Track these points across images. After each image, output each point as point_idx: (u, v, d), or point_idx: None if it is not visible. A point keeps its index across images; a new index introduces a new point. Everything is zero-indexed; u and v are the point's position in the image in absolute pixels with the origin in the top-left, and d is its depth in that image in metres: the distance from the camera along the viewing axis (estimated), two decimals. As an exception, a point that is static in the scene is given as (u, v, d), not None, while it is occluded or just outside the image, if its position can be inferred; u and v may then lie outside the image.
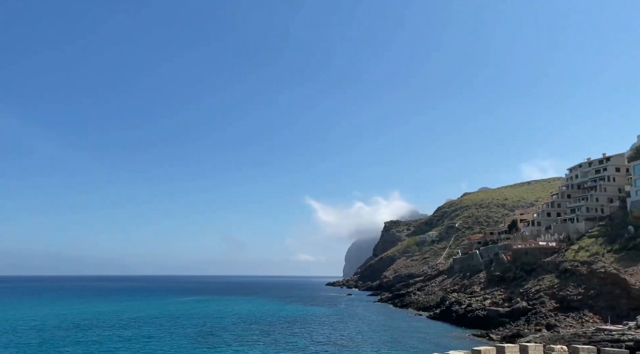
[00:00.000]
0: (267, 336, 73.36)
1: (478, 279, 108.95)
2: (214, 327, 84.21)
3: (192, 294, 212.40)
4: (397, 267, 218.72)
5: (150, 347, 62.26)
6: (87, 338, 70.14)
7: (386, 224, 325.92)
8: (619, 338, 49.78)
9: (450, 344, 63.02)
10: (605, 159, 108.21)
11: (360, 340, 70.28)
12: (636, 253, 69.04)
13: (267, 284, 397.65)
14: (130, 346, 63.08)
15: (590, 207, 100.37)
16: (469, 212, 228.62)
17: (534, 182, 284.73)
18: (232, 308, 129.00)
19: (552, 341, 51.58)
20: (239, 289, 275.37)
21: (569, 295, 71.47)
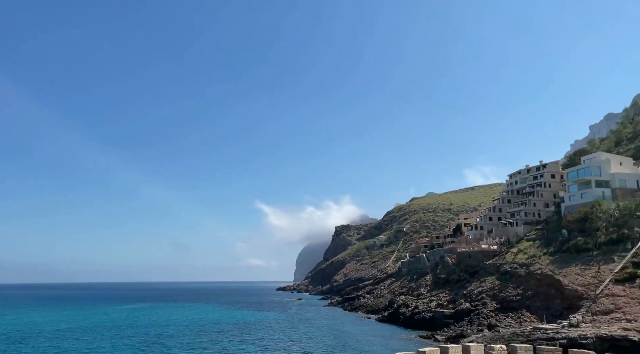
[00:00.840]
0: (216, 343, 71.81)
1: (425, 281, 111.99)
2: (160, 335, 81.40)
3: (136, 301, 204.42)
4: (347, 271, 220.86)
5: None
6: (20, 351, 65.81)
7: (337, 229, 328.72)
8: (553, 336, 52.67)
9: (398, 346, 64.29)
10: (541, 166, 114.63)
11: (310, 345, 70.26)
12: (569, 255, 73.44)
13: (217, 290, 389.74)
14: (67, 358, 59.88)
15: (528, 211, 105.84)
16: (416, 217, 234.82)
17: (478, 188, 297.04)
18: (179, 315, 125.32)
19: (492, 341, 53.79)
20: (186, 296, 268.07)
21: (509, 296, 74.90)
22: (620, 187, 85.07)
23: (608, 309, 56.60)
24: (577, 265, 69.15)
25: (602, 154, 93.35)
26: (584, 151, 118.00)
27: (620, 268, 62.48)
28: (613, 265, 64.21)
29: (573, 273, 67.66)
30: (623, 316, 54.04)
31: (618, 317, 54.24)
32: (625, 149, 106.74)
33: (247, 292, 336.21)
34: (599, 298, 59.23)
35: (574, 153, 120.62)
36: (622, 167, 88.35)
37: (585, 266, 67.83)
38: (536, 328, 57.92)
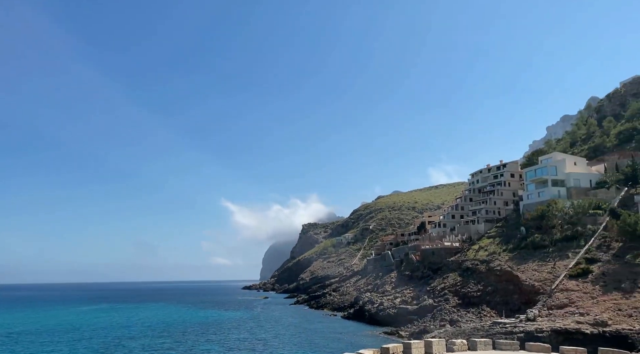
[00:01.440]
0: (180, 344, 70.60)
1: (390, 278, 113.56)
2: (121, 337, 79.30)
3: (97, 302, 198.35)
4: (313, 269, 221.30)
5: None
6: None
7: (304, 227, 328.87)
8: (511, 330, 54.52)
9: (362, 342, 65.04)
10: (502, 166, 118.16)
11: (276, 343, 70.10)
12: (527, 252, 76.07)
13: (181, 290, 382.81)
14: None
15: (489, 209, 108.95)
16: (382, 215, 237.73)
17: (441, 187, 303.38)
18: (142, 316, 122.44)
19: (454, 336, 55.17)
20: (150, 296, 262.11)
21: (470, 292, 76.92)
22: (575, 186, 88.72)
23: (563, 303, 58.98)
24: (534, 261, 71.74)
25: (558, 154, 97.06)
26: (541, 151, 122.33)
27: (574, 264, 65.22)
28: (567, 261, 66.95)
29: (530, 268, 70.15)
30: (576, 309, 56.45)
31: (572, 311, 56.62)
32: (580, 150, 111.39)
33: (213, 291, 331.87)
34: (554, 292, 61.65)
35: (532, 153, 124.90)
36: (577, 167, 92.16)
37: (542, 262, 70.45)
38: (495, 322, 59.75)
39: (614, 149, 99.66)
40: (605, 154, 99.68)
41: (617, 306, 53.77)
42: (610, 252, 64.81)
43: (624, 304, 53.66)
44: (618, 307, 53.56)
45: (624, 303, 53.82)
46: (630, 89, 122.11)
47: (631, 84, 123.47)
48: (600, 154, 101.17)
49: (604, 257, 64.21)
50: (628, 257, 61.63)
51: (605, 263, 62.66)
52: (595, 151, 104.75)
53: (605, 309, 54.14)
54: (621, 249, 64.26)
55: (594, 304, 56.17)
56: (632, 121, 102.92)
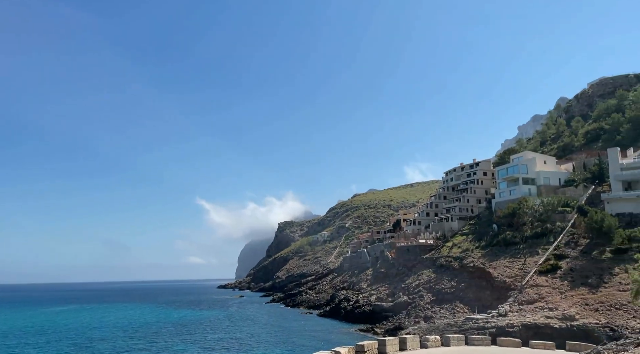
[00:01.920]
0: (153, 344, 69.42)
1: (365, 276, 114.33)
2: (92, 339, 77.45)
3: (67, 303, 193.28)
4: (290, 267, 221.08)
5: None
6: None
7: (280, 225, 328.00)
8: (483, 326, 55.58)
9: (338, 340, 65.20)
10: (475, 164, 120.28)
11: (252, 342, 69.69)
12: (499, 249, 77.70)
13: (155, 289, 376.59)
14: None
15: (462, 207, 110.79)
16: (358, 213, 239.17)
17: (416, 184, 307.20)
18: (113, 317, 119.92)
19: (428, 332, 55.88)
20: (122, 296, 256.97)
21: (444, 288, 78.08)
22: (545, 184, 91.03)
23: (533, 298, 60.48)
24: (506, 258, 73.33)
25: (528, 153, 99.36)
26: (512, 150, 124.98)
27: (543, 260, 66.95)
28: (537, 257, 68.67)
29: (502, 265, 71.68)
30: (546, 305, 57.97)
31: (541, 306, 58.11)
32: (549, 149, 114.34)
33: (187, 291, 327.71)
34: (525, 288, 63.15)
35: (504, 152, 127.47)
36: (547, 166, 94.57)
37: (513, 258, 72.07)
38: (468, 318, 60.81)
39: (581, 148, 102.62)
40: (574, 153, 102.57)
41: (584, 301, 55.46)
42: (577, 249, 66.75)
43: (591, 299, 55.38)
44: (585, 302, 55.24)
45: (590, 298, 55.54)
46: (597, 90, 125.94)
47: (598, 85, 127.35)
48: (568, 153, 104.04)
49: (572, 253, 66.10)
50: (594, 253, 63.61)
51: (573, 259, 64.52)
52: (564, 150, 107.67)
53: (572, 304, 55.76)
54: (588, 245, 66.26)
55: (562, 299, 57.78)
56: (599, 121, 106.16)
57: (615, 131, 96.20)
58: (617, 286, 55.50)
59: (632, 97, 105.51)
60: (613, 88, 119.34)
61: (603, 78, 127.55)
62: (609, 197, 73.74)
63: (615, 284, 55.99)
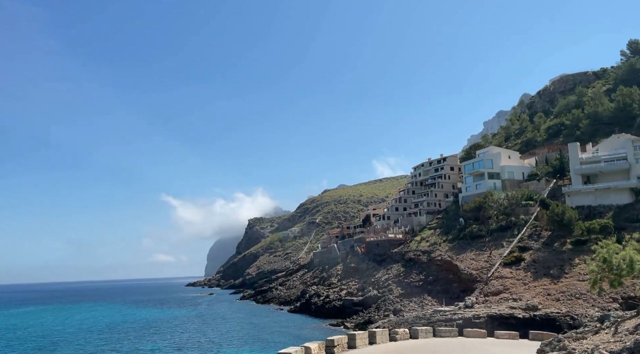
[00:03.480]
0: (117, 344, 67.68)
1: (336, 271, 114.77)
2: (56, 341, 74.83)
3: (26, 304, 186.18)
4: (260, 263, 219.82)
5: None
6: None
7: (250, 222, 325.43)
8: (451, 317, 56.71)
9: (309, 335, 65.27)
10: (442, 160, 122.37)
11: (221, 340, 68.89)
12: (465, 242, 79.40)
13: (121, 289, 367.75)
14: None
15: (430, 202, 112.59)
16: (328, 208, 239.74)
17: (386, 180, 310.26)
18: (77, 317, 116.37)
19: (397, 325, 56.58)
20: (86, 296, 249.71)
21: (412, 282, 79.22)
22: (509, 178, 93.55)
23: (498, 290, 62.09)
24: (472, 251, 74.99)
25: (494, 148, 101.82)
26: (478, 145, 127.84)
27: (508, 253, 68.81)
28: (502, 250, 70.53)
29: (469, 258, 73.26)
30: (510, 296, 59.63)
31: (506, 297, 59.74)
32: (513, 144, 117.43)
33: (155, 289, 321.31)
34: (490, 280, 64.77)
35: (470, 147, 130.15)
36: (511, 161, 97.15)
37: (479, 251, 73.77)
38: (436, 310, 61.93)
39: (544, 143, 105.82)
40: (536, 147, 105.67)
41: (546, 291, 57.33)
42: (540, 241, 68.92)
43: (553, 289, 57.29)
44: (547, 292, 57.11)
45: (552, 288, 57.46)
46: (558, 87, 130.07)
47: (559, 81, 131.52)
48: (531, 148, 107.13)
49: (535, 245, 68.19)
50: (556, 245, 65.82)
51: (536, 251, 66.57)
52: (527, 144, 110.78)
53: (535, 294, 57.56)
54: (550, 237, 68.51)
55: (525, 290, 59.56)
56: (560, 116, 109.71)
57: (575, 126, 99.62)
58: (577, 276, 57.61)
59: (591, 94, 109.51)
60: (573, 85, 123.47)
61: (564, 75, 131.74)
62: (569, 191, 76.35)
63: (575, 275, 58.11)
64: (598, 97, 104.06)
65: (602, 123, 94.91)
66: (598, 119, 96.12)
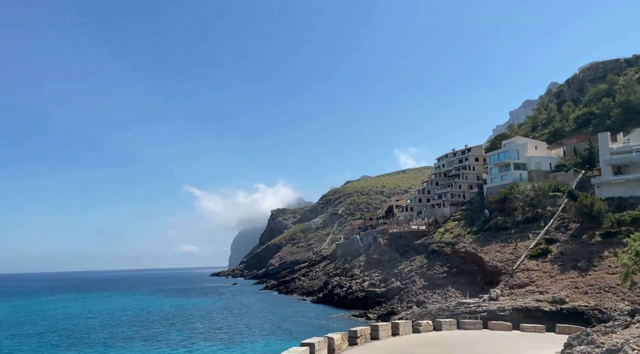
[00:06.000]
0: (144, 332, 69.41)
1: (358, 262, 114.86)
2: (85, 326, 77.29)
3: (59, 292, 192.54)
4: (282, 254, 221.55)
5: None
6: None
7: (273, 213, 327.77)
8: (475, 310, 56.11)
9: (331, 326, 65.66)
10: (466, 150, 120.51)
11: (244, 329, 69.92)
12: (490, 234, 78.23)
13: (147, 278, 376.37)
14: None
15: (454, 193, 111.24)
16: (351, 199, 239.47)
17: (409, 171, 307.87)
18: (105, 305, 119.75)
19: (420, 317, 56.33)
20: (114, 285, 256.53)
21: (436, 273, 78.68)
22: (536, 169, 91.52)
23: (523, 282, 61.09)
24: (497, 243, 73.87)
25: (520, 138, 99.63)
26: (504, 135, 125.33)
27: (534, 245, 67.54)
28: (528, 242, 69.25)
29: (493, 250, 72.22)
30: (536, 288, 58.61)
31: (532, 289, 58.74)
32: (540, 134, 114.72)
33: (180, 279, 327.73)
34: (516, 272, 63.75)
35: (495, 137, 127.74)
36: (537, 151, 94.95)
37: (504, 243, 72.62)
38: (460, 302, 61.36)
39: (572, 133, 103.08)
40: (565, 137, 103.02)
41: (574, 284, 56.12)
42: (568, 233, 67.37)
43: (580, 282, 56.04)
44: (575, 285, 55.90)
45: (580, 281, 56.20)
46: (588, 75, 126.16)
47: (589, 69, 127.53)
48: (559, 138, 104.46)
49: (562, 237, 66.72)
50: (584, 237, 64.24)
51: (563, 243, 65.14)
52: (555, 135, 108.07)
53: (562, 287, 56.41)
54: (578, 229, 66.89)
55: (552, 282, 58.42)
56: (590, 105, 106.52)
57: (606, 115, 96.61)
58: (606, 269, 56.20)
59: (623, 81, 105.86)
60: (604, 73, 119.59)
61: (594, 63, 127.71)
62: (598, 182, 74.28)
63: (605, 268, 56.68)
64: (630, 85, 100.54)
65: (634, 112, 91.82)
66: (630, 107, 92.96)
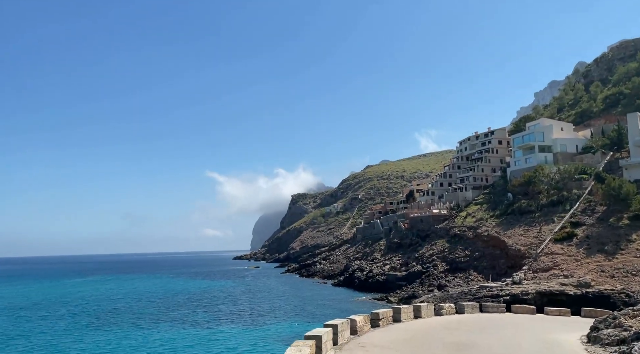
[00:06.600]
0: (171, 313, 71.22)
1: (379, 246, 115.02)
2: (115, 307, 79.69)
3: (87, 274, 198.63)
4: (303, 238, 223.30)
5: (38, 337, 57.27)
6: None
7: (293, 197, 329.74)
8: (497, 293, 55.75)
9: (353, 308, 66.15)
10: (489, 133, 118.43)
11: (267, 311, 71.06)
12: (513, 217, 77.20)
13: (172, 261, 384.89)
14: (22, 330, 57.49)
15: (477, 177, 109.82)
16: (371, 184, 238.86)
17: (430, 155, 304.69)
18: (133, 287, 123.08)
19: (442, 300, 56.29)
20: (140, 267, 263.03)
21: (458, 257, 78.29)
22: (562, 151, 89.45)
23: (548, 266, 60.29)
24: (521, 226, 72.88)
25: (545, 120, 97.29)
26: (528, 117, 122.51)
27: (559, 228, 66.39)
28: (553, 225, 68.09)
29: (517, 233, 71.31)
30: (561, 272, 57.79)
31: (556, 273, 57.95)
32: (567, 115, 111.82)
33: (204, 262, 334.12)
34: (540, 256, 62.91)
35: (520, 120, 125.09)
36: (564, 133, 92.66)
37: (528, 227, 71.60)
38: (482, 286, 61.01)
39: (600, 114, 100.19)
40: (592, 119, 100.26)
41: (600, 268, 55.13)
42: (594, 216, 65.98)
43: (607, 265, 55.01)
44: (601, 268, 54.92)
45: (606, 265, 55.17)
46: (617, 54, 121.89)
47: (618, 48, 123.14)
48: (587, 119, 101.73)
49: (589, 221, 65.39)
50: (611, 220, 62.84)
51: (590, 227, 63.87)
52: (582, 116, 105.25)
53: (588, 271, 55.48)
54: (605, 212, 65.43)
55: (577, 266, 57.50)
56: (619, 85, 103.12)
57: (636, 95, 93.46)
58: (634, 253, 55.01)
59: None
60: (634, 51, 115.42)
61: (623, 41, 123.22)
62: (627, 164, 72.26)
63: (632, 251, 55.47)
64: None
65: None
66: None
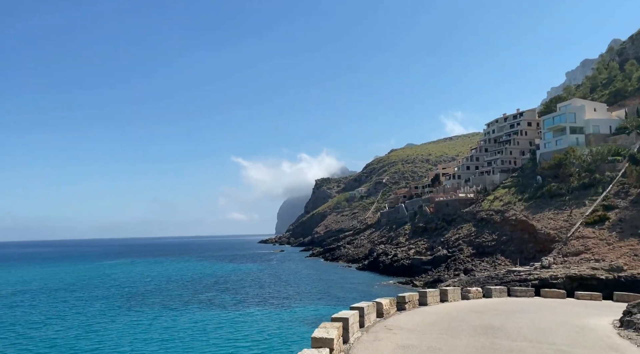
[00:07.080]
0: (199, 295, 72.85)
1: (403, 230, 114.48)
2: (146, 288, 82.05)
3: (117, 257, 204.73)
4: (327, 223, 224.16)
5: (74, 317, 59.49)
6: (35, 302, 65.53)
7: (317, 182, 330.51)
8: (526, 278, 54.90)
9: (378, 292, 66.28)
10: (518, 115, 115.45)
11: (293, 294, 71.90)
12: (543, 201, 75.45)
13: (199, 245, 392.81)
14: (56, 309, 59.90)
15: (505, 159, 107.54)
16: (395, 168, 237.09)
17: (456, 138, 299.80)
18: (161, 270, 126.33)
19: (468, 284, 55.78)
20: (169, 251, 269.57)
21: (484, 242, 77.25)
22: (594, 132, 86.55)
23: (578, 250, 58.90)
24: (550, 210, 71.21)
25: (577, 100, 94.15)
26: (559, 98, 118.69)
27: (590, 211, 64.58)
28: (584, 209, 66.29)
29: (546, 217, 69.76)
30: (592, 256, 56.40)
31: (587, 257, 56.59)
32: (600, 95, 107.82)
33: (230, 245, 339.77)
34: (570, 240, 61.46)
35: (550, 100, 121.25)
36: (596, 113, 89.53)
37: (558, 210, 69.90)
38: (510, 270, 60.16)
39: (635, 94, 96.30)
40: (627, 98, 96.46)
41: (633, 252, 53.56)
42: (628, 199, 63.89)
43: (641, 250, 53.37)
44: (634, 252, 53.35)
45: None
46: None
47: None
48: (621, 99, 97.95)
49: (622, 204, 63.39)
50: (647, 203, 60.73)
51: (623, 210, 61.93)
52: (616, 95, 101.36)
53: (621, 254, 53.98)
54: (639, 195, 63.25)
55: (609, 250, 55.99)
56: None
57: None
58: (670, 237, 53.15)
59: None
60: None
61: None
62: (664, 145, 69.44)
63: (669, 235, 53.60)
64: None
65: None
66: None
